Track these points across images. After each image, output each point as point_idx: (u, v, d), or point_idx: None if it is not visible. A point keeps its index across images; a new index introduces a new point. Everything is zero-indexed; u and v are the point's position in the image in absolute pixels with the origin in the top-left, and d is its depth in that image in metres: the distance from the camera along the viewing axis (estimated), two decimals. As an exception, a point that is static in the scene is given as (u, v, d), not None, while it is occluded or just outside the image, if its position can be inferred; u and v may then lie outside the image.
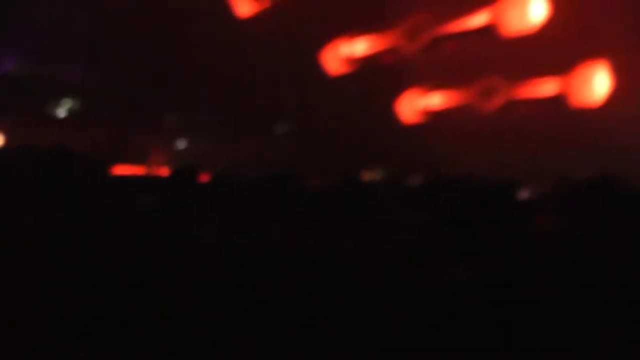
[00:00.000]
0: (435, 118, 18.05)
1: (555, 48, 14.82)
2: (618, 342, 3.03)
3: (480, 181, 4.10)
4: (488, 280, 3.01)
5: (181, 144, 21.27)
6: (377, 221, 4.29)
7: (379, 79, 17.91)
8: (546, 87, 15.90)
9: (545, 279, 3.27)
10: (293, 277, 2.17)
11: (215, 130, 19.79)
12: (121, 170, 14.10)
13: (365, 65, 18.19)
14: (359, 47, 18.25)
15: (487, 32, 15.54)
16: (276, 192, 5.00)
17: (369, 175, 18.60)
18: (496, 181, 7.21)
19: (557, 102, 15.72)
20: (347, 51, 18.35)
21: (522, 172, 12.94)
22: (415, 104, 18.32)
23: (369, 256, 2.72)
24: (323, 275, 2.19)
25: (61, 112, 20.30)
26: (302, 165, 16.64)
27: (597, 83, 15.27)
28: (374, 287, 2.29)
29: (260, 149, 19.48)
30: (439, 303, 2.81)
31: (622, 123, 14.07)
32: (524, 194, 6.79)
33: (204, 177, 6.03)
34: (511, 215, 4.92)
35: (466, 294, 2.97)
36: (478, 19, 15.59)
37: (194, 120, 20.72)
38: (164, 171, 16.55)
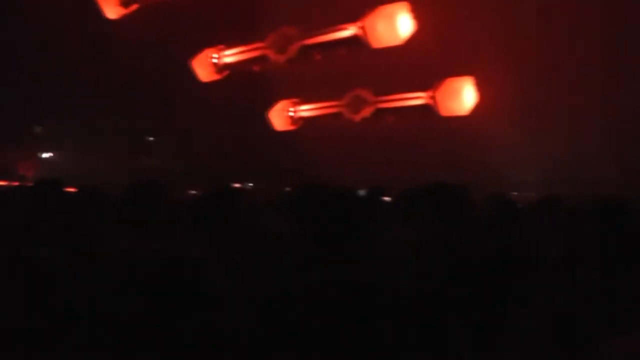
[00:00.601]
0: (305, 127, 18.20)
1: (422, 61, 15.22)
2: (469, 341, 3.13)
3: (344, 188, 4.12)
4: (346, 284, 3.03)
5: (48, 155, 20.54)
6: (241, 230, 4.25)
7: (250, 89, 17.91)
8: (413, 99, 16.30)
9: (398, 282, 3.32)
10: (135, 285, 2.11)
11: (84, 140, 19.18)
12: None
13: (235, 74, 18.13)
14: (229, 56, 18.20)
15: (356, 44, 15.76)
16: (143, 202, 4.85)
17: (239, 184, 18.54)
18: (360, 188, 7.35)
19: (424, 113, 16.14)
20: (217, 59, 18.26)
21: (387, 179, 13.28)
22: (286, 113, 18.43)
23: (219, 265, 2.67)
24: (166, 283, 2.13)
25: None
26: (171, 174, 16.41)
27: (463, 96, 15.78)
28: (220, 295, 2.24)
29: (129, 159, 19.04)
30: (289, 309, 2.81)
31: (484, 134, 14.62)
32: (387, 200, 6.95)
33: (70, 189, 5.82)
34: (372, 221, 5.00)
35: (323, 299, 2.98)
36: (346, 32, 15.78)
37: (61, 131, 20.02)
38: (29, 183, 15.88)
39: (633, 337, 1.90)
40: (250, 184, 19.89)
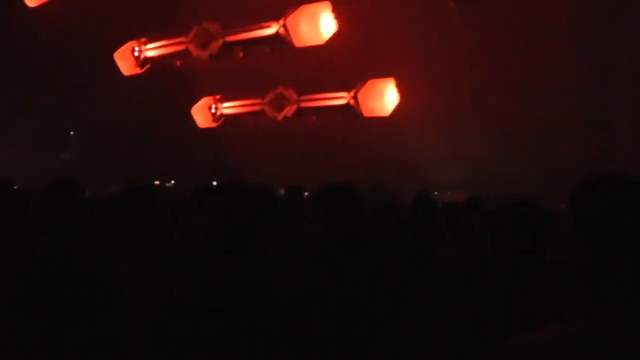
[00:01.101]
0: (228, 125, 18.11)
1: (345, 62, 15.33)
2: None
3: (261, 186, 4.09)
4: (247, 283, 3.01)
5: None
6: (153, 227, 4.21)
7: (173, 84, 17.70)
8: (336, 99, 16.39)
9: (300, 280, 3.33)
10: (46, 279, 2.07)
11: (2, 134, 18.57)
12: None
13: (158, 69, 17.89)
14: (152, 50, 17.93)
15: (279, 42, 15.75)
16: (60, 199, 4.75)
17: (159, 182, 18.28)
18: (282, 186, 7.34)
19: (346, 112, 16.26)
20: (139, 53, 17.97)
21: (309, 178, 13.31)
22: (209, 111, 18.29)
23: (127, 261, 2.63)
24: (73, 279, 2.09)
25: None
26: (91, 170, 16.06)
27: (385, 97, 15.94)
28: (126, 292, 2.21)
29: (49, 154, 18.58)
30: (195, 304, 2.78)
31: (406, 135, 14.83)
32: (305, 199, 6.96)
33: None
34: (287, 220, 4.99)
35: (236, 295, 2.96)
36: (269, 30, 15.75)
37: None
38: None
39: (538, 333, 1.94)
40: (172, 182, 19.66)
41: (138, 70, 18.09)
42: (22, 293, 2.11)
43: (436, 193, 15.58)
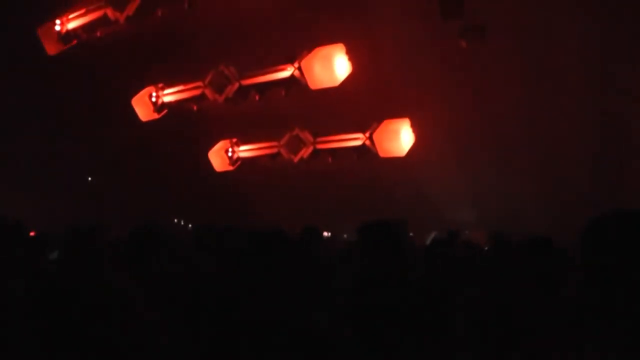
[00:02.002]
0: (244, 167, 18.20)
1: (360, 103, 15.42)
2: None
3: (277, 228, 4.15)
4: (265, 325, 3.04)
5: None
6: (166, 267, 4.24)
7: (190, 128, 17.83)
8: (351, 140, 16.45)
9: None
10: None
11: (20, 178, 18.71)
12: None
13: (174, 113, 18.03)
14: (169, 95, 18.09)
15: (294, 85, 15.84)
16: (83, 243, 4.79)
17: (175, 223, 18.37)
18: (297, 227, 7.37)
19: (362, 153, 16.30)
20: (157, 98, 18.13)
21: (327, 218, 13.37)
22: (226, 154, 18.41)
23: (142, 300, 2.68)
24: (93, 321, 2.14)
25: None
26: (108, 213, 16.16)
27: (400, 137, 15.99)
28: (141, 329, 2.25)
29: (59, 197, 18.68)
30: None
31: (421, 174, 14.86)
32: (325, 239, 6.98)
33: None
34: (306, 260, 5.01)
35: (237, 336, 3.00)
36: (284, 73, 15.86)
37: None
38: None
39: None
40: (189, 225, 19.73)
41: (155, 116, 18.24)
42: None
43: (451, 230, 15.60)
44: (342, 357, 3.22)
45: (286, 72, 15.74)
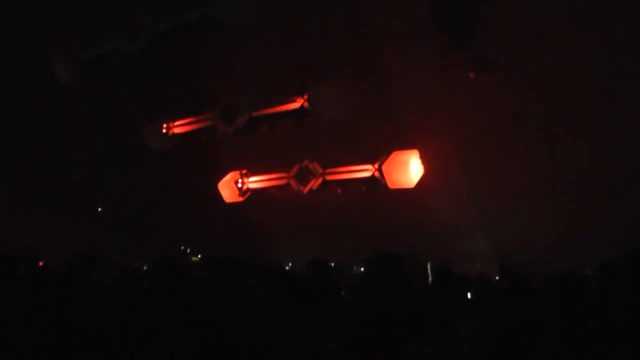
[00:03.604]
0: (253, 198, 18.20)
1: (369, 134, 15.45)
2: None
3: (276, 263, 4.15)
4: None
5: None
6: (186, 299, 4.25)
7: (200, 160, 17.92)
8: (360, 171, 16.44)
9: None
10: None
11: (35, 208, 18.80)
12: None
13: (185, 144, 18.11)
14: (179, 126, 18.20)
15: (303, 116, 15.91)
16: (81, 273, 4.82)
17: (186, 256, 18.35)
18: (307, 258, 7.35)
19: (371, 184, 16.28)
20: (169, 130, 18.23)
21: (336, 249, 13.33)
22: (235, 185, 18.42)
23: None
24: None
25: None
26: (117, 245, 16.18)
27: (409, 168, 15.97)
28: None
29: (70, 228, 18.74)
30: None
31: (431, 205, 14.83)
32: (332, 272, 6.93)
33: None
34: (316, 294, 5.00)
35: None
36: (294, 104, 15.93)
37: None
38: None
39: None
40: (198, 256, 19.72)
41: (167, 146, 18.32)
42: None
43: (460, 265, 15.53)
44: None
45: (296, 104, 15.81)
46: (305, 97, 15.65)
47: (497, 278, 8.15)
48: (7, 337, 3.66)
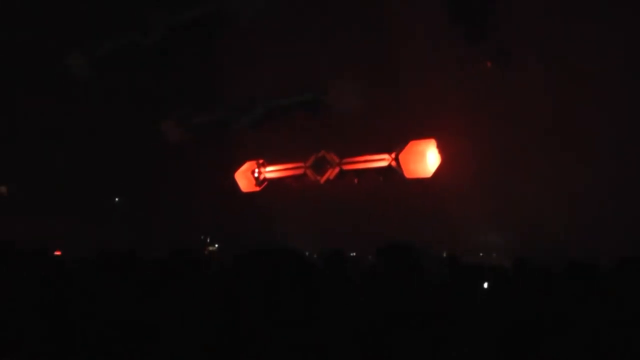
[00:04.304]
0: (270, 188, 18.25)
1: (386, 123, 15.42)
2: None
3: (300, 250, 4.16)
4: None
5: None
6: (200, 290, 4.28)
7: (217, 150, 17.96)
8: (377, 161, 16.42)
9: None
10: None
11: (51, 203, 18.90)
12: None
13: (202, 136, 18.16)
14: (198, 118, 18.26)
15: (320, 109, 15.89)
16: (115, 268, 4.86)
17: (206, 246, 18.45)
18: (322, 248, 7.38)
19: (387, 174, 16.26)
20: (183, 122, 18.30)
21: (353, 238, 13.35)
22: (252, 175, 18.48)
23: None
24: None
25: None
26: (134, 239, 16.28)
27: (426, 158, 15.92)
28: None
29: (92, 224, 18.85)
30: None
31: (447, 194, 14.80)
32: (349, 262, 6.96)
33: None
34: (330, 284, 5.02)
35: None
36: (308, 95, 15.93)
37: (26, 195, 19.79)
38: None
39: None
40: (216, 245, 19.81)
41: (183, 137, 18.39)
42: None
43: (481, 254, 15.49)
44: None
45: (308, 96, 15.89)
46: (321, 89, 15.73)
47: (513, 269, 8.14)
48: (7, 336, 3.72)
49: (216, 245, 20.02)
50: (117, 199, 21.61)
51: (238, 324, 3.57)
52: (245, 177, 18.64)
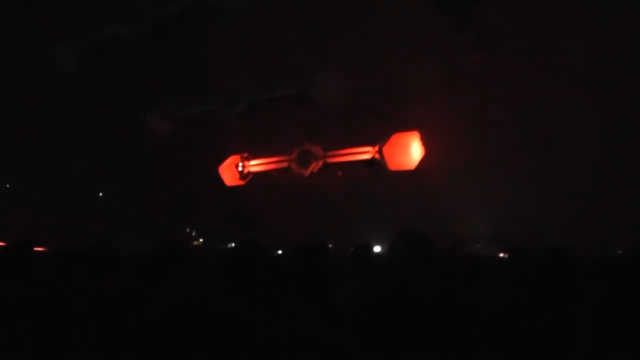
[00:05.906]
0: (254, 182, 18.21)
1: (369, 116, 15.43)
2: None
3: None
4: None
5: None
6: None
7: (201, 144, 17.91)
8: (361, 153, 16.43)
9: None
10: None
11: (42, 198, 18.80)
12: None
13: (186, 128, 18.09)
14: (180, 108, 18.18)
15: (302, 100, 15.87)
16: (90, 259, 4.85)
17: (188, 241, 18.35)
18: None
19: (371, 166, 16.28)
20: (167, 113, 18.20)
21: (335, 233, 13.35)
22: (236, 169, 18.42)
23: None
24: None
25: None
26: (118, 232, 16.21)
27: (410, 150, 15.95)
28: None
29: (78, 215, 18.77)
30: None
31: (431, 186, 14.84)
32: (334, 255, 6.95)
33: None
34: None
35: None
36: (291, 88, 15.89)
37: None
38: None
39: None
40: (201, 240, 19.76)
41: (166, 130, 18.29)
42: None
43: (478, 245, 15.55)
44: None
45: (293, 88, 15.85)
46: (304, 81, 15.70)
47: (499, 259, 8.17)
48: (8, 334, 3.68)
49: (200, 240, 19.98)
50: (100, 194, 21.50)
51: (232, 317, 3.55)
52: (230, 171, 18.57)
